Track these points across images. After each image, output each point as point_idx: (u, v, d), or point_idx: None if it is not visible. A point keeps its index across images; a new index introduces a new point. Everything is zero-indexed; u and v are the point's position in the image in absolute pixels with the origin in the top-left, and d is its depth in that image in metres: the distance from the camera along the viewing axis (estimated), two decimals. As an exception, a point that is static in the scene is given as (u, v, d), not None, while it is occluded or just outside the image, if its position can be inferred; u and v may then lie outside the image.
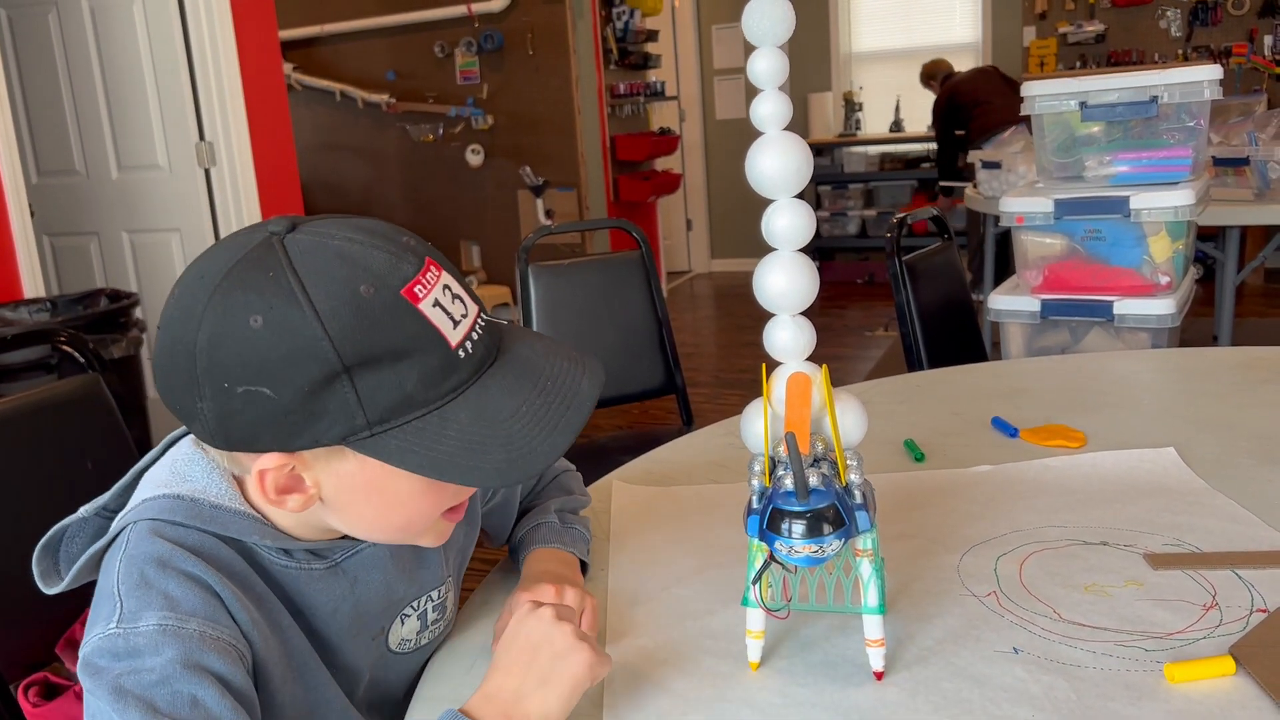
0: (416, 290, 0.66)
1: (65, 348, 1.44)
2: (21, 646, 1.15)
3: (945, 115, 5.77)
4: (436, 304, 0.67)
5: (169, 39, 3.74)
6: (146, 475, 0.78)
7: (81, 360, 1.40)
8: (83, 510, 0.79)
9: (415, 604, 0.86)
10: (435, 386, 0.67)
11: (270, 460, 0.68)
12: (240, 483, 0.75)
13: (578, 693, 0.70)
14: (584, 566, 0.97)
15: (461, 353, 0.68)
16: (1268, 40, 6.03)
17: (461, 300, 0.69)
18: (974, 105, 5.62)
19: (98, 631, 0.68)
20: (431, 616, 0.88)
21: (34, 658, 1.12)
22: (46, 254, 4.07)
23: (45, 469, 1.23)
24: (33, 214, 3.33)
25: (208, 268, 0.67)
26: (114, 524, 0.75)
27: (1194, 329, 2.25)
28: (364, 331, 0.64)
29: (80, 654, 0.69)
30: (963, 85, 5.74)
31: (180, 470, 0.75)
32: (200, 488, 0.74)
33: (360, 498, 0.72)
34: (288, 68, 5.62)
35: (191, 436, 0.76)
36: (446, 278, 0.69)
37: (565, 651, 0.71)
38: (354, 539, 0.79)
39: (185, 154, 3.83)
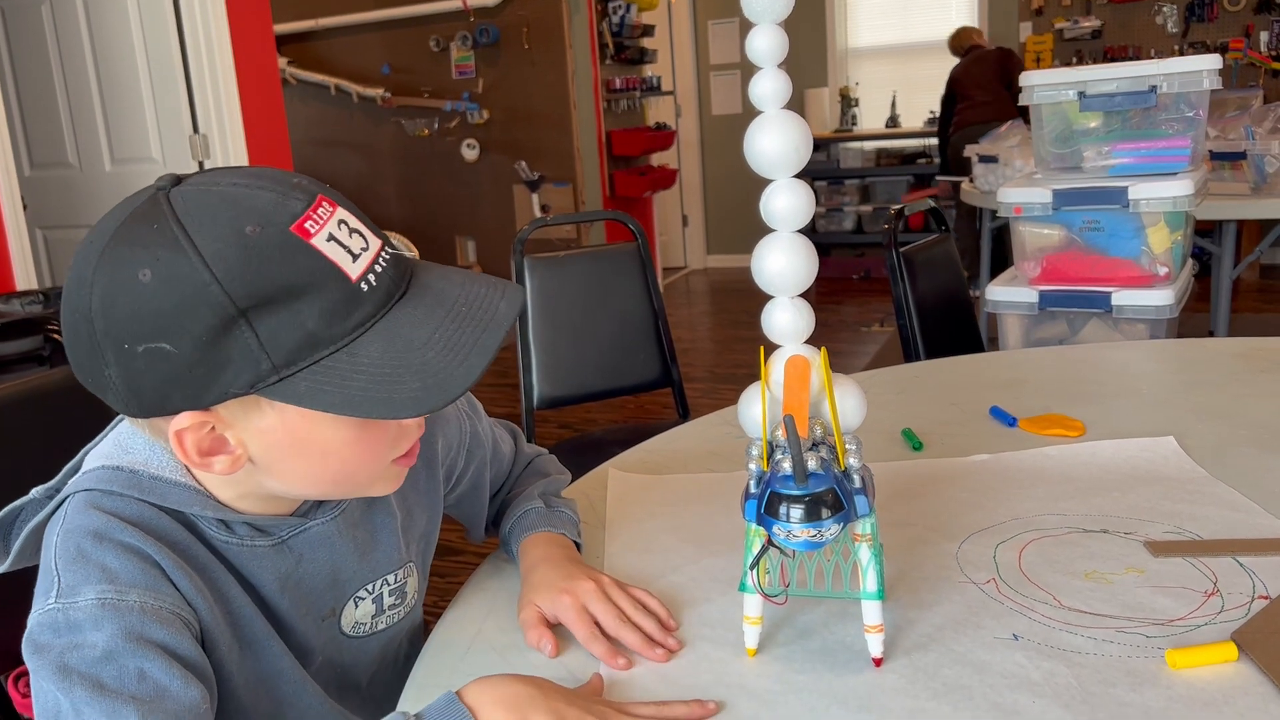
0: (307, 226, 0.64)
1: (57, 338, 1.43)
2: (11, 638, 1.14)
3: (944, 102, 5.78)
4: (331, 238, 0.65)
5: (163, 31, 3.72)
6: (92, 451, 0.77)
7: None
8: (34, 491, 0.78)
9: (370, 587, 0.84)
10: (339, 322, 0.65)
11: (185, 420, 0.67)
12: None
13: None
14: (577, 547, 0.96)
15: (364, 285, 0.66)
16: (1264, 36, 6.03)
17: (361, 235, 0.67)
18: (959, 98, 5.63)
19: (38, 607, 0.68)
20: (389, 601, 0.86)
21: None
22: (39, 246, 4.05)
23: (34, 458, 1.21)
24: (25, 207, 3.31)
25: (96, 232, 0.66)
26: (55, 499, 0.74)
27: (1189, 324, 2.24)
28: (254, 271, 0.62)
29: (26, 632, 0.68)
30: (956, 73, 5.74)
31: (123, 443, 0.75)
32: (141, 459, 0.73)
33: (289, 453, 0.70)
34: (282, 62, 5.60)
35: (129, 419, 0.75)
36: (343, 213, 0.67)
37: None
38: (302, 516, 0.79)
39: (179, 147, 3.81)
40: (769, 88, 0.72)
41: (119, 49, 3.82)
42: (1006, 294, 2.19)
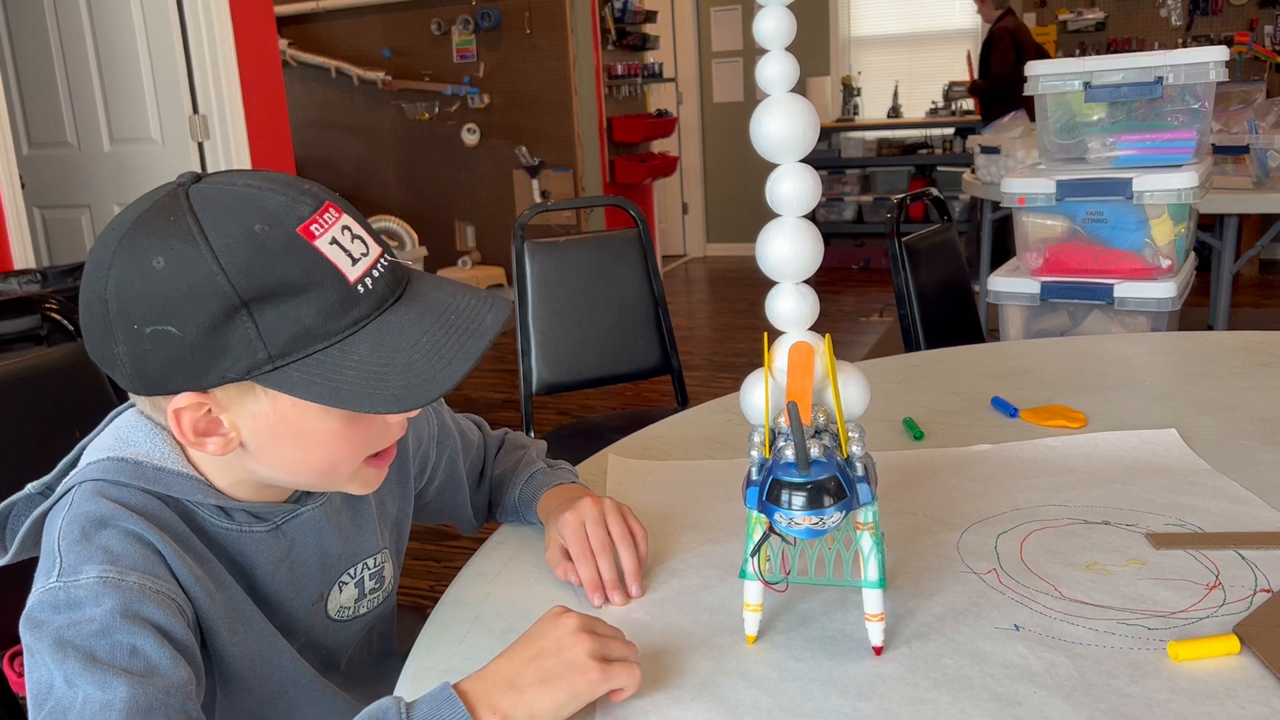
0: (312, 229, 0.69)
1: (55, 316, 1.42)
2: (8, 619, 1.14)
3: (1006, 64, 5.42)
4: (334, 242, 0.70)
5: (163, 11, 3.69)
6: (91, 444, 0.80)
7: (71, 329, 1.38)
8: (29, 487, 0.81)
9: (352, 571, 0.88)
10: (334, 320, 0.70)
11: (184, 399, 0.71)
12: (183, 448, 0.77)
13: (572, 704, 0.68)
14: None
15: (361, 288, 0.70)
16: (1269, 29, 6.01)
17: (363, 241, 0.72)
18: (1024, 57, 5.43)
19: (39, 586, 0.70)
20: (369, 585, 0.90)
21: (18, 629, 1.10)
22: (37, 226, 4.03)
23: (32, 437, 1.21)
24: (24, 185, 3.29)
25: (118, 222, 0.70)
26: (59, 487, 0.77)
27: (1189, 318, 2.23)
28: (259, 267, 0.67)
29: (24, 611, 0.70)
30: (1012, 25, 5.38)
31: (124, 436, 0.78)
32: (143, 451, 0.76)
33: (277, 439, 0.74)
34: (283, 43, 5.57)
35: (134, 409, 0.79)
36: (347, 219, 0.72)
37: (572, 662, 0.68)
38: (294, 504, 0.83)
39: (178, 127, 3.79)
40: (776, 70, 0.71)
41: (119, 28, 3.79)
42: (1008, 285, 2.18)
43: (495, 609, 0.87)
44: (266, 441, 0.74)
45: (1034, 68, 2.17)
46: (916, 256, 1.98)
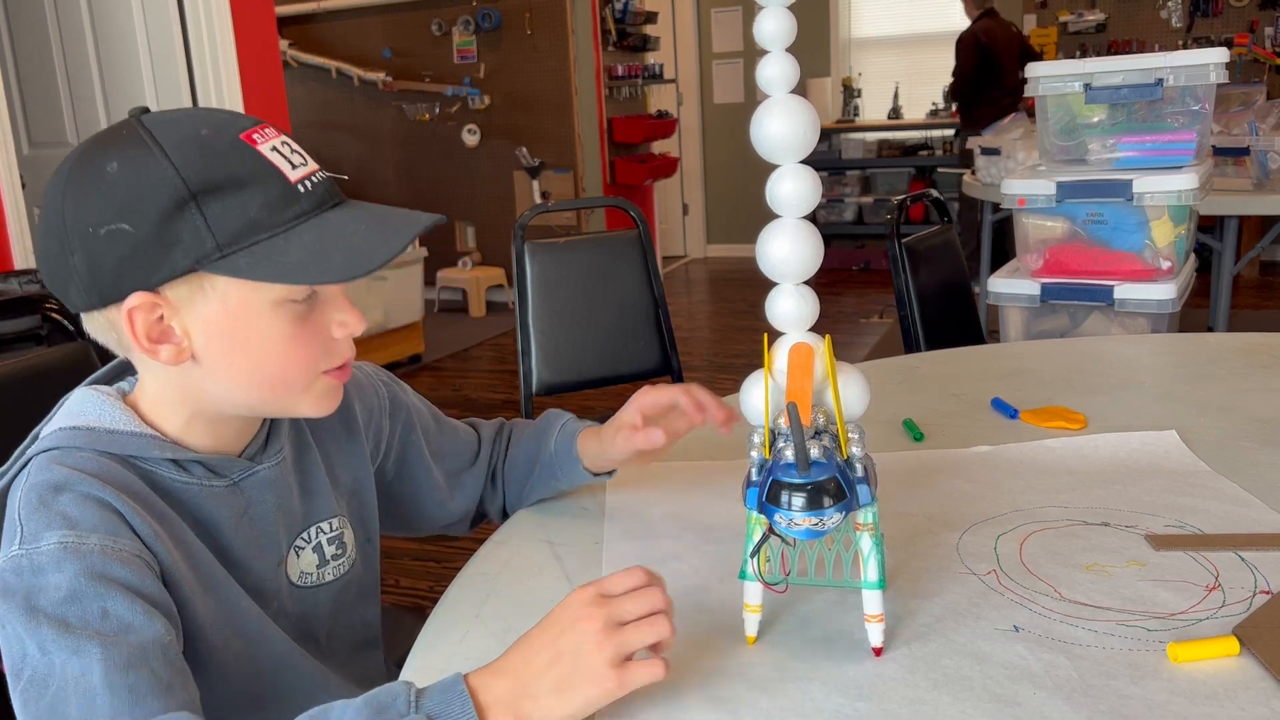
0: (254, 137, 0.75)
1: (55, 316, 1.42)
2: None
3: (970, 70, 5.47)
4: (275, 149, 0.75)
5: (164, 11, 3.69)
6: (44, 425, 0.81)
7: (71, 329, 1.38)
8: None
9: (307, 535, 0.89)
10: (278, 213, 0.74)
11: (136, 299, 0.74)
12: (136, 412, 0.80)
13: (588, 710, 0.66)
14: None
15: (301, 188, 0.75)
16: (1269, 31, 6.01)
17: (301, 155, 0.77)
18: (991, 68, 5.42)
19: (3, 556, 0.71)
20: (330, 550, 0.91)
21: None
22: (37, 225, 4.03)
23: (32, 437, 1.21)
24: (24, 185, 3.29)
25: (69, 154, 0.75)
26: (18, 462, 0.78)
27: (1189, 320, 2.23)
28: (206, 163, 0.72)
29: None
30: (984, 36, 5.39)
31: (74, 409, 0.80)
32: (94, 418, 0.79)
33: (227, 345, 0.76)
34: (283, 44, 5.57)
35: (83, 387, 0.82)
36: (289, 139, 0.77)
37: (590, 671, 0.66)
38: (250, 460, 0.84)
39: (179, 128, 3.79)
40: (777, 71, 0.71)
41: (119, 28, 3.79)
42: (1008, 286, 2.18)
43: (495, 609, 0.87)
44: (217, 350, 0.77)
45: (1034, 69, 2.17)
46: (917, 258, 1.98)
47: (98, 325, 0.78)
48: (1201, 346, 1.60)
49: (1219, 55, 2.00)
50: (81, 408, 0.80)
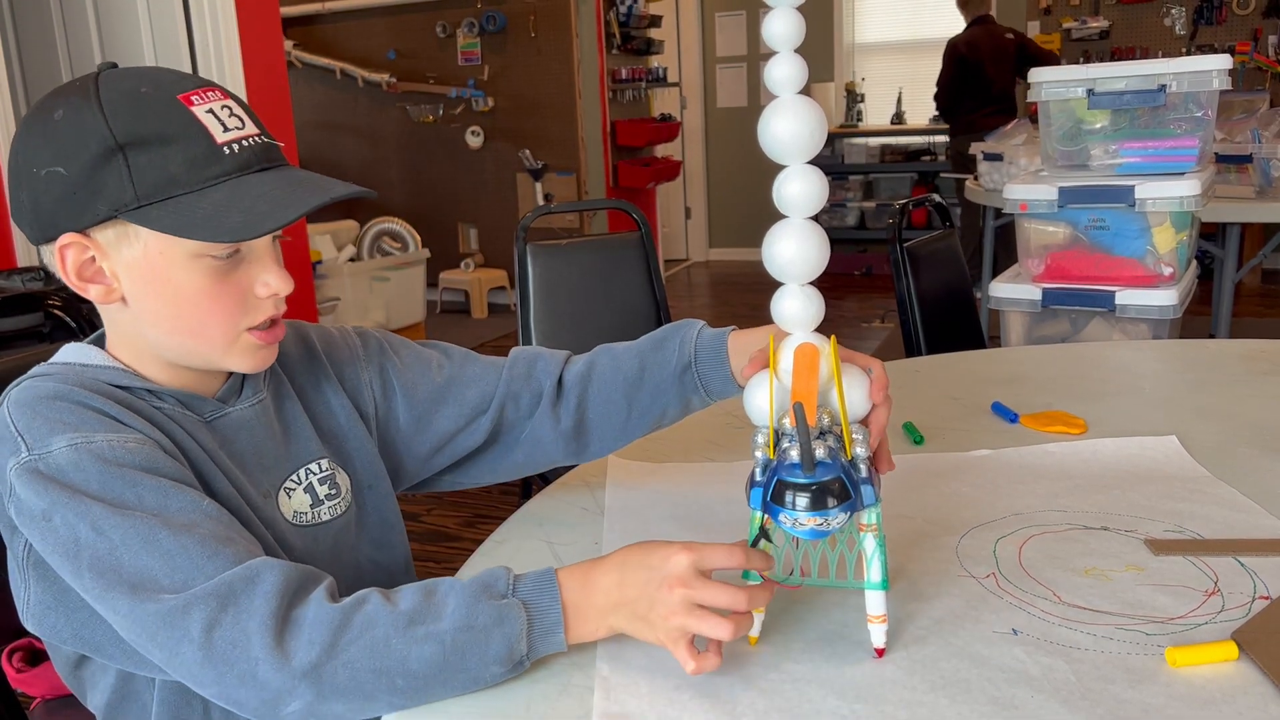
0: (192, 99, 0.78)
1: (58, 313, 1.43)
2: (5, 614, 1.14)
3: (952, 80, 5.54)
4: (210, 111, 0.78)
5: (170, 15, 3.70)
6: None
7: (74, 326, 1.39)
8: None
9: (297, 476, 0.91)
10: (198, 171, 0.77)
11: (67, 238, 0.79)
12: (110, 354, 0.84)
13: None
14: None
15: (226, 150, 0.78)
16: (1272, 39, 6.02)
17: (241, 120, 0.80)
18: (970, 78, 5.47)
19: (11, 464, 0.74)
20: (323, 490, 0.92)
21: (17, 624, 1.10)
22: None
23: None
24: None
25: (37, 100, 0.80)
26: None
27: (1190, 327, 2.24)
28: (136, 117, 0.76)
29: (4, 495, 0.74)
30: (964, 49, 5.43)
31: (45, 363, 0.84)
32: (72, 358, 0.83)
33: (150, 290, 0.80)
34: (288, 45, 5.58)
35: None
36: (235, 105, 0.80)
37: (650, 627, 0.72)
38: (221, 401, 0.86)
39: (183, 127, 3.80)
40: (785, 72, 0.71)
41: (125, 27, 3.80)
42: (1009, 291, 2.18)
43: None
44: (141, 293, 0.80)
45: (1038, 74, 2.17)
46: (918, 262, 1.99)
47: (49, 260, 0.83)
48: (1202, 353, 1.60)
49: (1222, 62, 2.01)
50: (60, 355, 0.84)
